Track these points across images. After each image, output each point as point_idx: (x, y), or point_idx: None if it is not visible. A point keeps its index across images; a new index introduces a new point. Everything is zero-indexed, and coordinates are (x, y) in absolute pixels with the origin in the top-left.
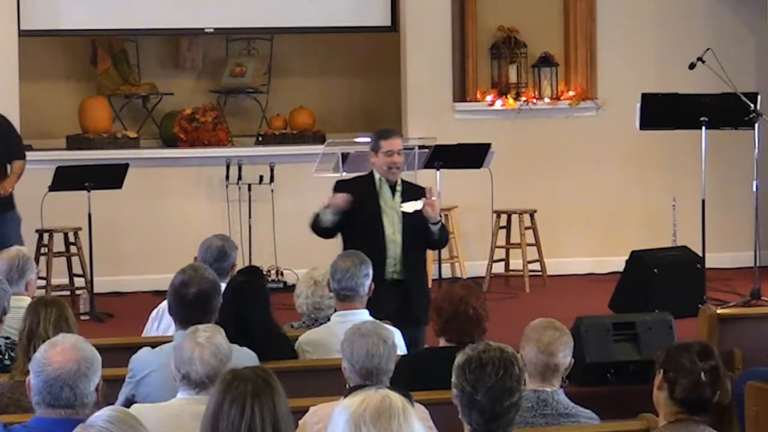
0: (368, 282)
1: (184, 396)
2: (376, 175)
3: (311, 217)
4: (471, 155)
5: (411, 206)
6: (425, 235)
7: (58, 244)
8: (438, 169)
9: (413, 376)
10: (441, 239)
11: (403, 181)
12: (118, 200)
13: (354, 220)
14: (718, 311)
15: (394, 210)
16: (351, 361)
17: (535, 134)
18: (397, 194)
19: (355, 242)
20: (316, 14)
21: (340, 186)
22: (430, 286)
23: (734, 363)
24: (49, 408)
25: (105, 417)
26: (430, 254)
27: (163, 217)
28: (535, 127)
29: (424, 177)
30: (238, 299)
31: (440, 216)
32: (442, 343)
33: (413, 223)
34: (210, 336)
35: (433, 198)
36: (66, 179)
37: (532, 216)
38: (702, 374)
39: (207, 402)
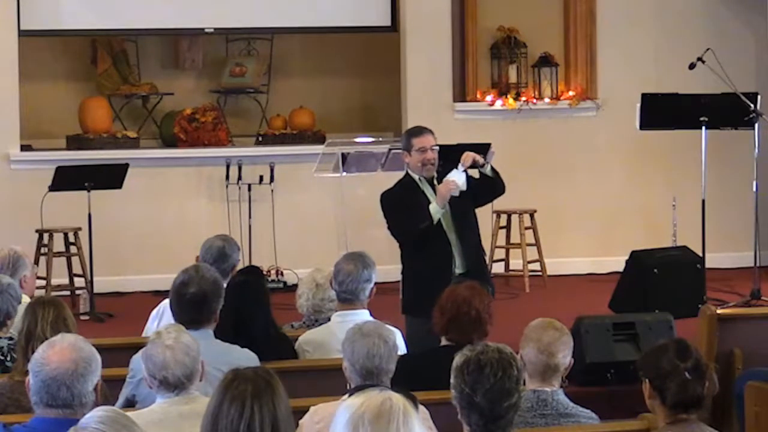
0: (370, 286)
1: (165, 399)
2: (414, 176)
3: (420, 231)
4: None
5: (460, 182)
6: (483, 186)
7: (58, 244)
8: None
9: (413, 376)
10: (498, 178)
11: (438, 174)
12: (118, 200)
13: (417, 216)
14: (718, 311)
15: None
16: (351, 361)
17: (535, 134)
18: (438, 189)
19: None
20: (316, 14)
21: (388, 195)
22: None
23: (734, 363)
24: (48, 408)
25: (97, 418)
26: None
27: (163, 217)
28: (535, 127)
29: None
30: (238, 299)
31: (482, 158)
32: (444, 342)
33: (466, 213)
34: (177, 336)
35: (463, 159)
36: (66, 179)
37: (532, 216)
38: (686, 374)
39: (190, 399)
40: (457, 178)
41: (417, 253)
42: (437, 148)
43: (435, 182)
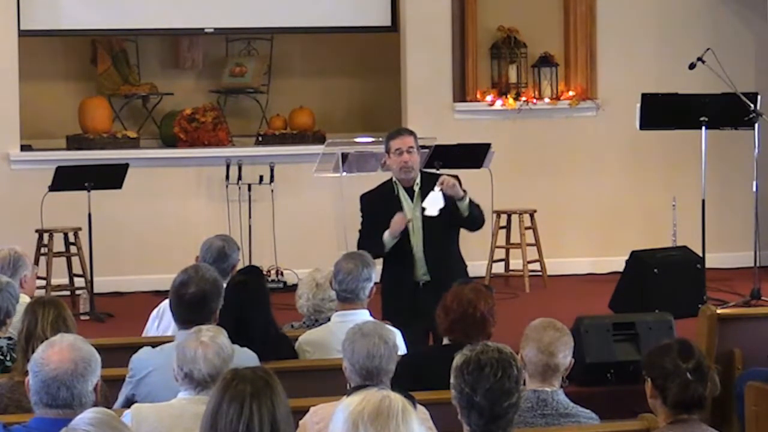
0: (370, 285)
1: (186, 395)
2: (394, 181)
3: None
4: (471, 155)
5: (434, 206)
6: (457, 220)
7: (58, 244)
8: (438, 169)
9: (414, 376)
10: (474, 215)
11: (421, 177)
12: (118, 200)
13: (382, 230)
14: (718, 311)
15: (414, 214)
16: (351, 361)
17: (535, 134)
18: (416, 195)
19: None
20: (316, 14)
21: (364, 199)
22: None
23: (734, 363)
24: (47, 408)
25: (87, 420)
26: None
27: (163, 217)
28: (535, 127)
29: None
30: (238, 299)
31: (463, 191)
32: (446, 342)
33: (437, 221)
34: (214, 336)
35: (443, 180)
36: (66, 179)
37: (532, 216)
38: (688, 374)
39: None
40: (432, 202)
41: (384, 259)
42: (421, 150)
43: (414, 188)
